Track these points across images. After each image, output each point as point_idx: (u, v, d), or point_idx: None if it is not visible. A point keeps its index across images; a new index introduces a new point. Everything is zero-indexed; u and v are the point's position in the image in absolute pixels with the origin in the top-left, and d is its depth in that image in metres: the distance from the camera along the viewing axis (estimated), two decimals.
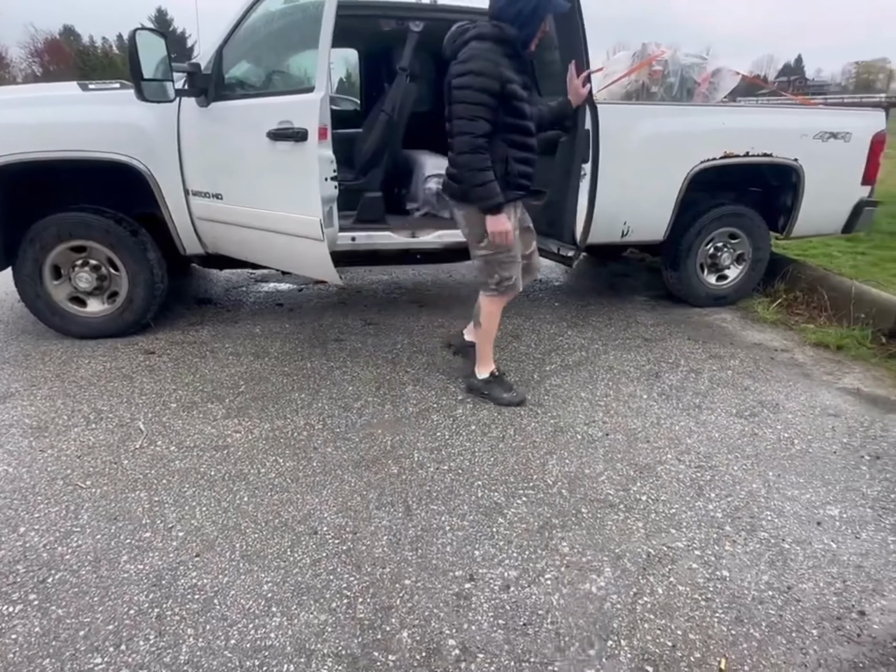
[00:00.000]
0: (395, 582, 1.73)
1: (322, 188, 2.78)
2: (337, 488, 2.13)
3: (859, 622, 1.64)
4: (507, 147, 2.42)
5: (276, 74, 3.61)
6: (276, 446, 2.38)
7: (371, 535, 1.91)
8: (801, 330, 3.75)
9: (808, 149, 3.86)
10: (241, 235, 3.24)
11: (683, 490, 2.18)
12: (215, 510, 2.00)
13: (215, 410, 2.65)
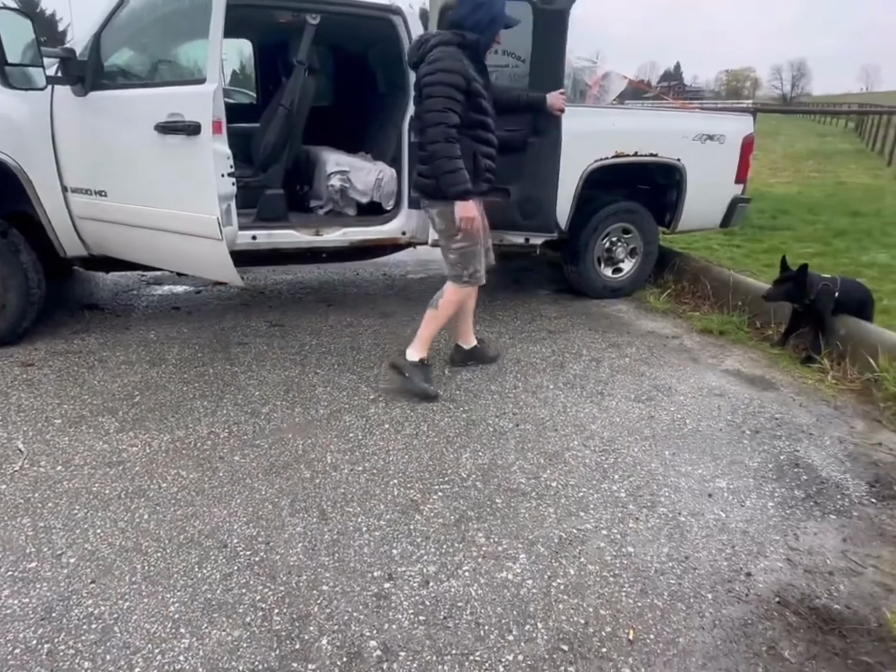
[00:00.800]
0: (312, 589, 1.69)
1: (219, 185, 2.66)
2: (246, 498, 2.05)
3: (746, 583, 1.79)
4: (473, 142, 2.61)
5: (164, 63, 3.39)
6: (178, 458, 2.25)
7: (285, 543, 1.85)
8: (689, 317, 4.04)
9: (688, 149, 4.16)
10: (130, 235, 3.03)
11: (590, 474, 2.29)
12: (111, 531, 1.86)
13: (107, 424, 2.46)
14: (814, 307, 3.26)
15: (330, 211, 3.96)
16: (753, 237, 5.86)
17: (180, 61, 3.33)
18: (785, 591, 1.76)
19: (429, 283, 4.72)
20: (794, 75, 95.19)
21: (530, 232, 3.74)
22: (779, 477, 2.31)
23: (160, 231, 2.91)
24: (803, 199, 8.12)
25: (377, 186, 3.83)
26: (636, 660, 1.53)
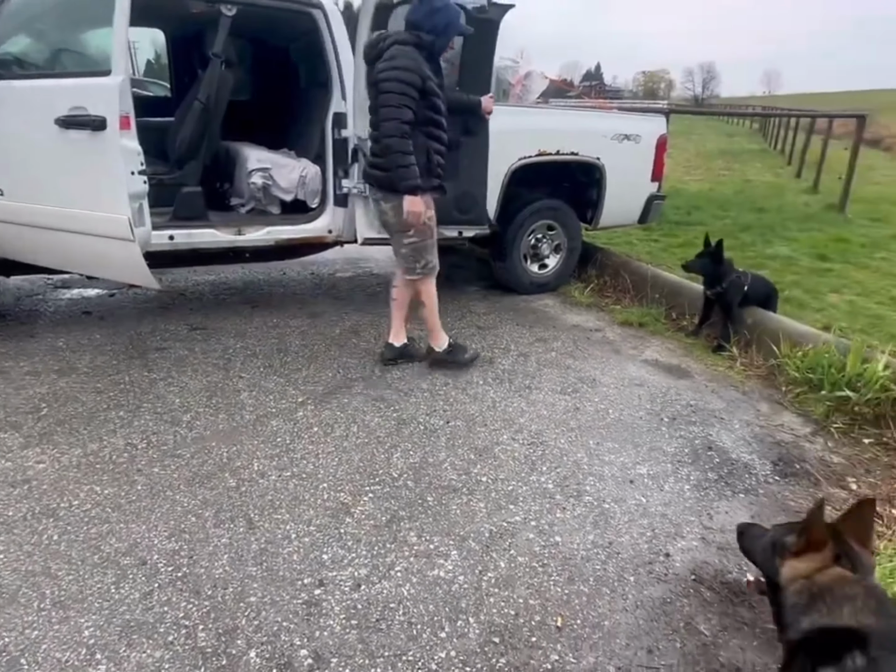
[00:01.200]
0: (239, 601, 1.64)
1: (129, 183, 2.52)
2: (168, 511, 1.96)
3: (666, 563, 1.89)
4: (427, 139, 2.71)
5: (65, 53, 3.18)
6: (92, 473, 2.13)
7: (210, 555, 1.79)
8: (611, 311, 4.20)
9: (607, 148, 4.30)
10: (32, 237, 2.83)
11: (519, 467, 2.34)
12: (16, 556, 1.74)
13: (10, 440, 2.29)
14: (724, 297, 3.47)
15: (252, 209, 3.84)
16: (670, 232, 6.14)
17: (83, 51, 3.12)
18: (700, 569, 1.87)
19: (358, 282, 4.67)
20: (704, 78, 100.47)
21: (465, 226, 3.81)
22: (694, 461, 2.44)
23: (66, 232, 2.74)
24: (714, 195, 8.59)
25: (301, 184, 3.75)
26: (564, 646, 1.58)
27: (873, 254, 5.52)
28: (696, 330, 3.69)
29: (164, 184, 3.36)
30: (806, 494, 2.25)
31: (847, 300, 4.18)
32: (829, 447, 2.56)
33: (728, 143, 18.63)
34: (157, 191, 3.17)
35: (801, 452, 2.52)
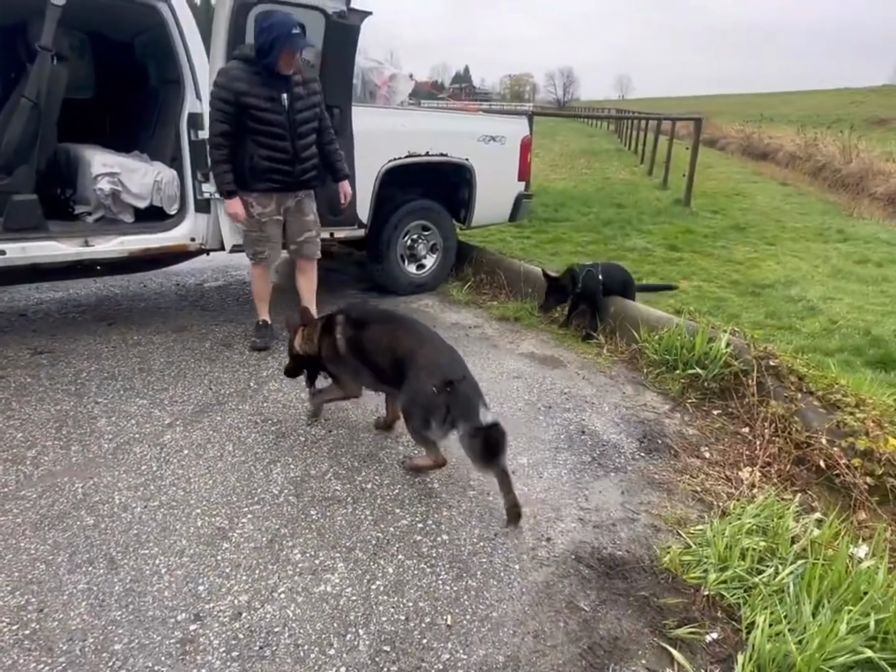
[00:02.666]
0: (101, 651, 1.49)
1: None
2: (10, 561, 1.74)
3: (548, 547, 1.97)
4: (254, 146, 2.97)
5: None
6: None
7: (64, 605, 1.61)
8: (488, 307, 4.32)
9: (475, 150, 4.42)
10: None
11: (404, 470, 2.33)
12: None
13: None
14: (585, 293, 3.69)
15: (102, 218, 3.52)
16: (540, 229, 6.44)
17: None
18: (579, 549, 1.97)
19: (229, 291, 4.44)
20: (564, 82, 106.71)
21: (336, 227, 3.76)
22: (570, 446, 2.57)
23: None
24: (578, 193, 9.13)
25: (156, 189, 3.49)
26: (455, 643, 1.59)
27: (715, 243, 6.15)
28: (567, 321, 3.89)
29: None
30: (668, 467, 2.45)
31: (695, 286, 4.62)
32: (685, 421, 2.81)
33: (589, 143, 19.91)
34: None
35: (661, 428, 2.74)
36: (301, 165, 3.09)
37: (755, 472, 2.38)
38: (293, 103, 2.97)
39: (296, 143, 3.03)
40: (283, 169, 3.05)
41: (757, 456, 2.49)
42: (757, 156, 18.71)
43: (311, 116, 3.07)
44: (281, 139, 2.99)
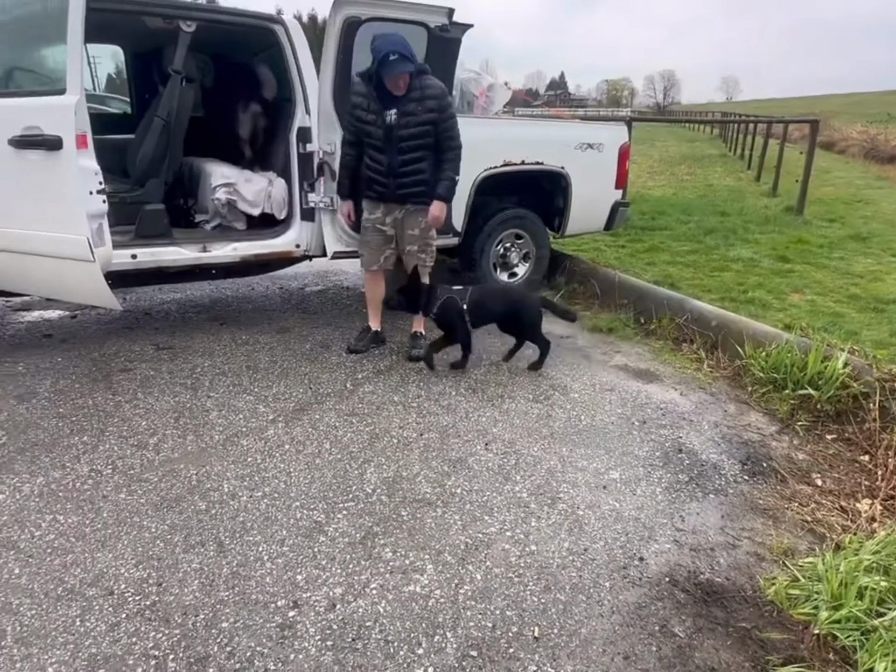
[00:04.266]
0: (210, 628, 1.60)
1: (87, 203, 2.47)
2: (135, 538, 1.91)
3: (640, 567, 1.91)
4: (365, 156, 3.19)
5: (17, 71, 3.11)
6: (55, 502, 2.06)
7: (179, 582, 1.75)
8: (581, 317, 4.24)
9: (572, 157, 4.37)
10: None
11: (493, 477, 2.34)
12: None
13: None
14: (440, 320, 3.22)
15: (218, 225, 3.80)
16: (636, 238, 6.25)
17: (37, 69, 3.06)
18: (674, 571, 1.89)
19: (328, 296, 4.64)
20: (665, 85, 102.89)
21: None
22: (665, 463, 2.47)
23: (24, 254, 2.66)
24: (678, 200, 8.78)
25: (267, 197, 3.72)
26: (542, 656, 1.58)
27: (831, 254, 5.69)
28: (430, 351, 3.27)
29: (126, 202, 3.31)
30: (774, 492, 2.30)
31: (808, 300, 4.30)
32: (795, 444, 2.62)
33: (690, 148, 19.09)
34: (119, 209, 3.12)
35: (767, 451, 2.57)
36: (397, 180, 3.13)
37: (876, 504, 2.18)
38: (400, 119, 3.01)
39: (393, 158, 3.09)
40: (380, 180, 3.16)
41: (878, 487, 2.28)
42: (883, 159, 17.14)
43: (419, 133, 3.05)
44: (379, 151, 3.11)
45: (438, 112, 3.05)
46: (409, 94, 2.99)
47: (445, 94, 3.08)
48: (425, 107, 3.02)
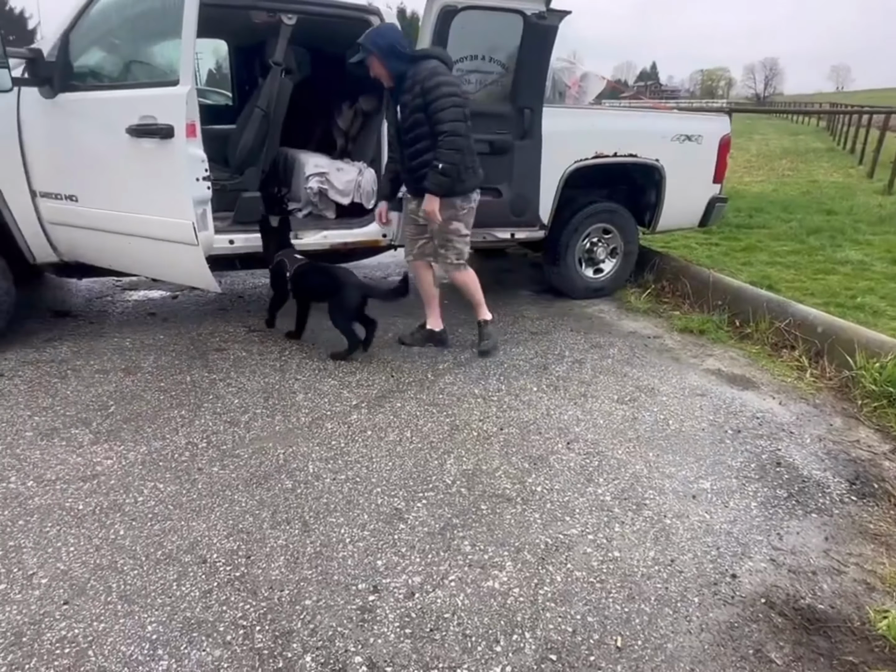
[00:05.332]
0: (294, 604, 1.65)
1: (194, 189, 2.60)
2: (226, 510, 2.00)
3: (732, 585, 1.80)
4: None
5: (136, 64, 3.31)
6: (156, 470, 2.19)
7: (266, 556, 1.81)
8: (669, 317, 4.06)
9: (667, 150, 4.18)
10: (102, 241, 2.95)
11: (575, 477, 2.28)
12: (86, 549, 1.80)
13: (81, 436, 2.39)
14: (272, 277, 3.37)
15: (309, 213, 3.91)
16: (731, 235, 5.91)
17: (153, 62, 3.25)
18: (770, 593, 1.77)
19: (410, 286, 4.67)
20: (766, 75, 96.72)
21: (518, 228, 3.79)
22: (761, 476, 2.32)
23: (134, 236, 2.84)
24: (778, 197, 8.23)
25: (357, 187, 3.79)
26: (624, 667, 1.52)
27: None
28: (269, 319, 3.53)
29: (226, 189, 3.46)
30: (886, 517, 2.11)
31: None
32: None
33: (793, 142, 17.87)
34: (219, 196, 3.26)
35: (879, 471, 2.36)
36: (410, 175, 3.10)
37: None
38: (402, 112, 2.96)
39: (404, 152, 3.05)
40: (403, 175, 3.20)
41: None
42: None
43: (413, 123, 2.91)
44: (396, 147, 3.14)
45: (423, 96, 2.81)
46: (403, 84, 2.89)
47: (432, 75, 2.79)
48: (413, 93, 2.84)
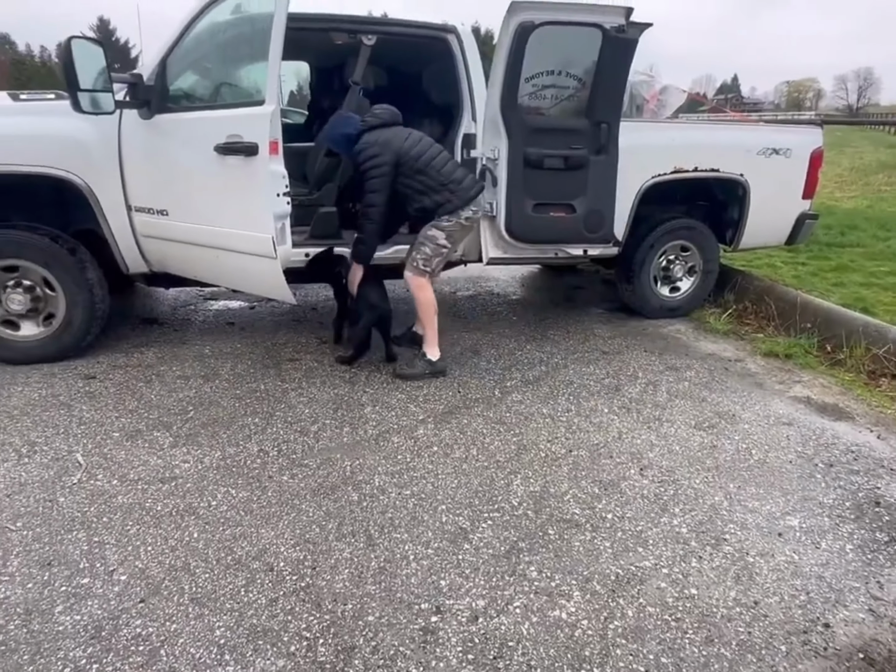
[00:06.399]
0: (357, 619, 1.64)
1: (274, 204, 2.69)
2: (294, 519, 2.03)
3: (825, 635, 1.65)
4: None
5: (225, 86, 3.49)
6: (229, 476, 2.26)
7: (331, 568, 1.82)
8: (752, 340, 3.85)
9: (752, 164, 3.99)
10: (188, 253, 3.11)
11: (648, 506, 2.17)
12: (162, 549, 1.86)
13: (162, 439, 2.50)
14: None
15: None
16: (820, 254, 5.56)
17: (240, 84, 3.41)
18: (869, 647, 1.61)
19: (479, 301, 4.67)
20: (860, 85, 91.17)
21: (591, 244, 3.70)
22: (858, 516, 2.13)
23: (217, 249, 2.97)
24: (874, 214, 7.69)
25: None
26: None
27: None
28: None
29: (304, 205, 3.56)
30: None
31: None
32: None
33: (891, 155, 16.69)
34: (296, 211, 3.37)
35: None
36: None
37: None
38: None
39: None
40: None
41: None
42: None
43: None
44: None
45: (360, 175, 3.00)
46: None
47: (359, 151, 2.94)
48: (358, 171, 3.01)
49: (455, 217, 3.04)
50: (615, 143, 3.47)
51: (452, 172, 3.04)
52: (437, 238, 3.06)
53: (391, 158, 2.89)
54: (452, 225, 3.05)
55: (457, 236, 3.14)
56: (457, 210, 3.03)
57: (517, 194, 3.44)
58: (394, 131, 3.00)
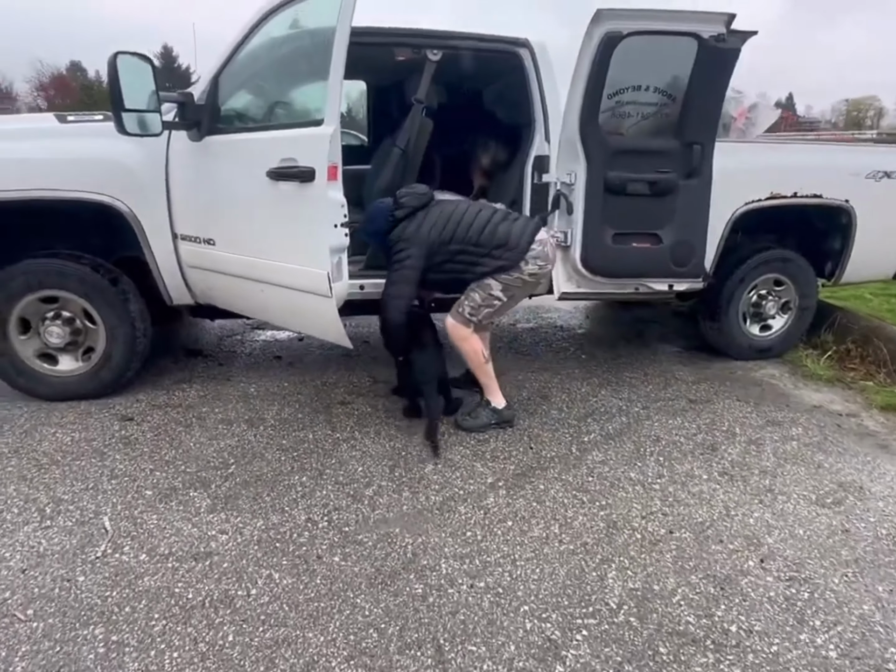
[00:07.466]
0: None
1: (331, 236, 2.40)
2: (347, 619, 1.68)
3: None
4: None
5: (279, 106, 3.26)
6: (272, 554, 1.94)
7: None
8: (862, 388, 3.35)
9: (860, 189, 3.53)
10: (234, 286, 2.85)
11: (780, 615, 1.75)
12: (190, 657, 1.55)
13: (198, 500, 2.21)
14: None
15: None
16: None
17: (296, 103, 3.17)
18: None
19: (541, 335, 4.30)
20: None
21: (680, 279, 3.29)
22: None
23: (266, 284, 2.70)
24: None
25: None
26: None
27: None
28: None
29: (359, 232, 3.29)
30: None
31: None
32: None
33: None
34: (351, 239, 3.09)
35: None
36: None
37: None
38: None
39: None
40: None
41: None
42: None
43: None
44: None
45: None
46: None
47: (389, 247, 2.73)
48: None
49: (517, 272, 2.67)
50: (709, 166, 3.09)
51: (494, 234, 2.64)
52: (492, 287, 2.68)
53: (420, 251, 2.61)
54: (513, 280, 2.68)
55: (516, 292, 2.74)
56: (517, 264, 2.66)
57: (596, 223, 3.08)
58: (421, 218, 2.68)
